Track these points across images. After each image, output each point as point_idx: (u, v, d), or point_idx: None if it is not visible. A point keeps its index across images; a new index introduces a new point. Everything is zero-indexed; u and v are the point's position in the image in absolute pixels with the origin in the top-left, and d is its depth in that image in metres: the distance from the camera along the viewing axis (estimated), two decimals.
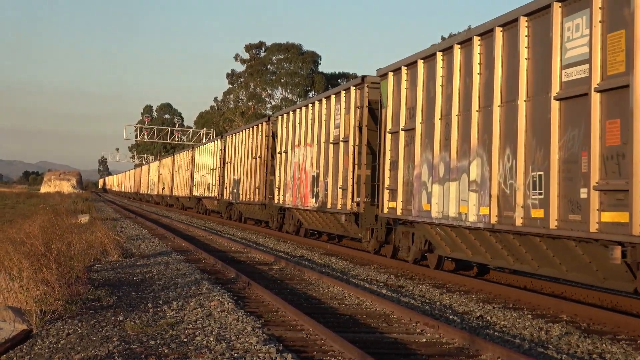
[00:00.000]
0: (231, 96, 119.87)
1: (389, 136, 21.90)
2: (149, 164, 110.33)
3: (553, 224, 14.00)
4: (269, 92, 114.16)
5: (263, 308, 13.79)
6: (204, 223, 46.91)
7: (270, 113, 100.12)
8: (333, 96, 28.08)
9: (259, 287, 15.87)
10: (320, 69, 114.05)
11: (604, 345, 11.34)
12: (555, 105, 14.10)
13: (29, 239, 19.92)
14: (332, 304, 14.56)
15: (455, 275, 18.89)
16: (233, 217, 48.25)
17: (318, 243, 29.49)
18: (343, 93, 26.92)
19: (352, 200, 25.17)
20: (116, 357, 9.42)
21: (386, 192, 21.94)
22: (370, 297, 14.76)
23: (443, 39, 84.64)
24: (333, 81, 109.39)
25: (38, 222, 28.27)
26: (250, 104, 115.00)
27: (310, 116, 30.55)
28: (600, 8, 13.07)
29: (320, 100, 29.53)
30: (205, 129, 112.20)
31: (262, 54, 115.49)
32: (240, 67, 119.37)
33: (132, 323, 11.65)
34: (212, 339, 10.55)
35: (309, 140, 30.50)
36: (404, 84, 20.92)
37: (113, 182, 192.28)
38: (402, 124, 20.91)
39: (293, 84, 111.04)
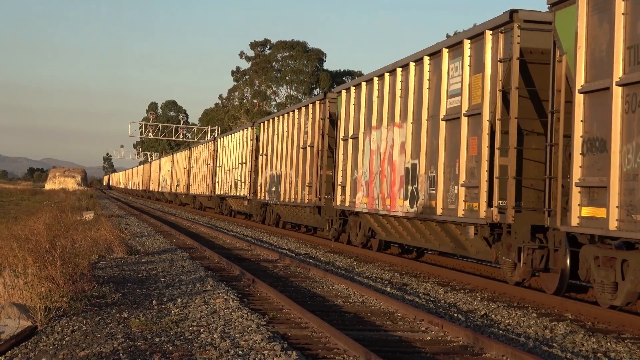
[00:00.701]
0: (236, 93, 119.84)
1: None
2: (160, 158, 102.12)
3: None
4: (274, 89, 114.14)
5: (267, 305, 13.79)
6: (208, 220, 46.94)
7: (275, 110, 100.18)
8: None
9: (264, 284, 15.87)
10: (325, 66, 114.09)
11: (608, 344, 11.34)
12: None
13: (33, 236, 19.94)
14: (337, 302, 14.56)
15: (461, 274, 18.88)
16: (269, 221, 40.78)
17: (322, 241, 29.50)
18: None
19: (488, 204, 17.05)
20: (121, 354, 9.43)
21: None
22: (375, 295, 14.76)
23: (448, 36, 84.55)
24: (338, 79, 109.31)
25: (43, 219, 28.27)
26: (255, 101, 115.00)
27: (397, 84, 22.25)
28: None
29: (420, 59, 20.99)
30: (210, 126, 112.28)
31: (267, 52, 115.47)
32: (245, 65, 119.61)
33: (137, 320, 11.65)
34: (216, 336, 10.55)
35: (397, 119, 22.14)
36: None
37: (119, 179, 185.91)
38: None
39: (298, 81, 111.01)
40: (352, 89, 25.82)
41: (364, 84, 24.73)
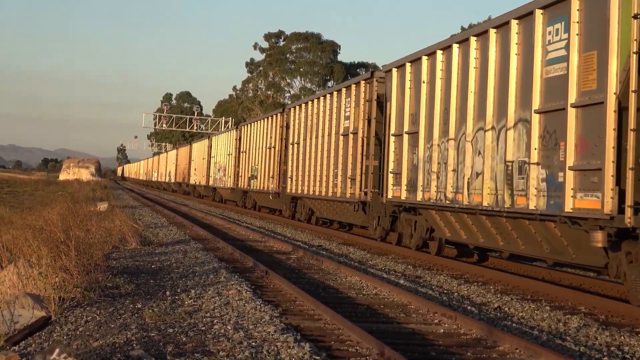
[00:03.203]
0: (250, 85, 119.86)
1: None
2: (190, 143, 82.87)
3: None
4: (288, 81, 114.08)
5: (281, 297, 13.80)
6: (222, 212, 46.97)
7: (288, 102, 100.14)
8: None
9: (277, 276, 15.88)
10: (340, 58, 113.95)
11: (622, 337, 11.30)
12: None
13: (48, 226, 20.01)
14: (350, 294, 14.56)
15: (473, 266, 18.85)
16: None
17: (335, 233, 29.48)
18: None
19: None
20: (134, 345, 9.45)
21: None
22: (388, 288, 14.75)
23: (463, 29, 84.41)
24: (352, 71, 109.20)
25: (57, 210, 28.37)
26: (269, 93, 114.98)
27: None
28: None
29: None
30: (224, 117, 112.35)
31: (282, 43, 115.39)
32: (259, 56, 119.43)
33: (151, 311, 11.68)
34: (229, 328, 10.57)
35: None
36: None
37: (138, 170, 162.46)
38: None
39: (312, 73, 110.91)
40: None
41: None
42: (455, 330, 11.26)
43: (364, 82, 26.65)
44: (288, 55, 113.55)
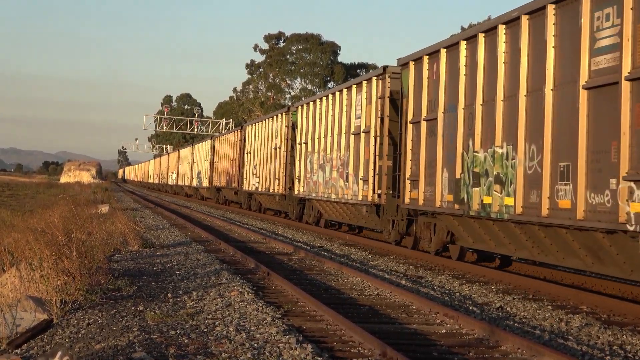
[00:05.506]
0: (250, 86, 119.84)
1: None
2: (212, 138, 69.20)
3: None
4: (288, 82, 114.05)
5: (283, 298, 13.80)
6: (223, 213, 46.96)
7: (290, 103, 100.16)
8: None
9: (279, 277, 15.88)
10: (340, 59, 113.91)
11: (624, 336, 11.30)
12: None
13: (49, 229, 20.00)
14: (352, 295, 14.56)
15: (475, 266, 18.84)
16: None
17: (336, 234, 29.48)
18: None
19: None
20: (137, 347, 9.45)
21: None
22: (390, 288, 14.75)
23: (463, 29, 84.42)
24: (352, 71, 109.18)
25: (58, 212, 28.37)
26: (269, 94, 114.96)
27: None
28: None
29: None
30: (224, 119, 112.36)
31: (282, 44, 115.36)
32: (259, 58, 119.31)
33: (152, 313, 11.68)
34: (232, 329, 10.57)
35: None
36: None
37: (147, 171, 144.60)
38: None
39: (312, 74, 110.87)
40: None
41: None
42: (457, 330, 11.26)
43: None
44: (288, 57, 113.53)
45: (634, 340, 11.06)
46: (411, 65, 21.48)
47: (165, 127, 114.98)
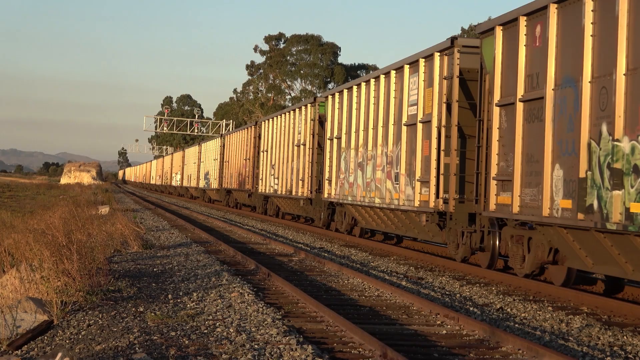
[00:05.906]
0: (250, 87, 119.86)
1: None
2: (221, 136, 64.60)
3: None
4: (289, 83, 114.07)
5: (283, 299, 13.80)
6: (224, 214, 46.94)
7: (289, 104, 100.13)
8: None
9: (279, 278, 15.88)
10: (340, 60, 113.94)
11: (625, 337, 11.30)
12: None
13: (49, 230, 20.00)
14: (352, 296, 14.55)
15: (475, 268, 18.83)
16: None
17: (337, 235, 29.48)
18: None
19: None
20: (137, 348, 9.45)
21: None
22: (390, 289, 14.75)
23: (463, 30, 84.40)
24: (352, 72, 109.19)
25: (59, 213, 28.37)
26: (269, 95, 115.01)
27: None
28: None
29: None
30: (224, 120, 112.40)
31: (282, 46, 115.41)
32: (259, 59, 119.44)
33: (153, 314, 11.68)
34: (232, 330, 10.56)
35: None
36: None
37: (148, 172, 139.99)
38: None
39: (312, 75, 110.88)
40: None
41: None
42: (458, 331, 11.25)
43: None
44: (288, 58, 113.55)
45: (634, 341, 11.06)
46: (498, 31, 16.93)
47: (165, 128, 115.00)
